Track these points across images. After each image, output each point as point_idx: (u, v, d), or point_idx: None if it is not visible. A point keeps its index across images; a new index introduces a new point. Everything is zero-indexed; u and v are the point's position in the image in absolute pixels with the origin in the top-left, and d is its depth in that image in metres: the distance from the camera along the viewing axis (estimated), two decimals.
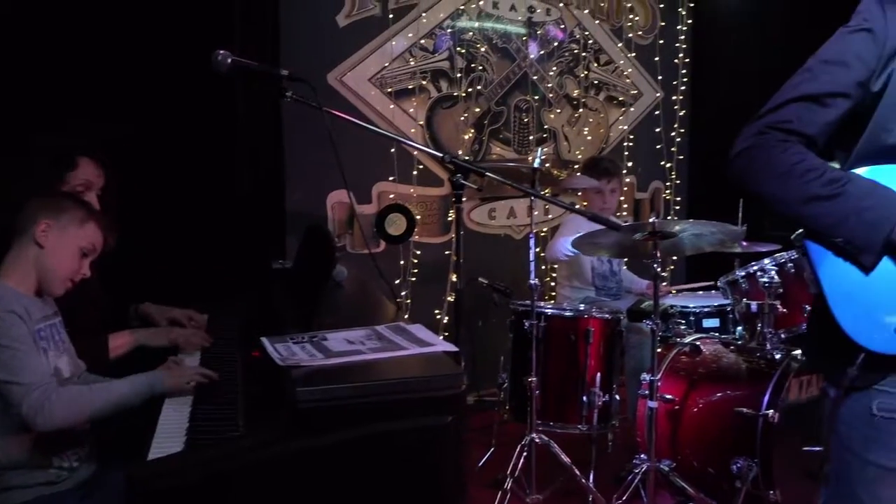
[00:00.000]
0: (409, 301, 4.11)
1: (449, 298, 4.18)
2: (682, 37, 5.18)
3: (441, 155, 2.01)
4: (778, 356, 2.82)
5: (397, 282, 4.08)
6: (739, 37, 5.00)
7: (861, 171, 1.40)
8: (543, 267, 4.61)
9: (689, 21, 5.19)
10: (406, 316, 4.06)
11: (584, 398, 3.07)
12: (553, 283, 4.57)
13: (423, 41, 4.16)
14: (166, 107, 3.19)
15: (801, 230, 1.45)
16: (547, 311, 3.14)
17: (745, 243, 3.48)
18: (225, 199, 3.40)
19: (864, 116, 1.40)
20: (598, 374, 3.07)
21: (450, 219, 4.25)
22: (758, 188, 1.43)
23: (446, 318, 4.20)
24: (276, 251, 3.46)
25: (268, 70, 2.05)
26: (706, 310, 3.49)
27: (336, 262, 2.45)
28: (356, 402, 1.41)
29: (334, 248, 2.15)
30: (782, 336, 3.01)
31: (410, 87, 4.14)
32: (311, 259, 2.35)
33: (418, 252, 4.16)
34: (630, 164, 5.04)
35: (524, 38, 4.52)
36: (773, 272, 3.01)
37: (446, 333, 4.04)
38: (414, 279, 4.14)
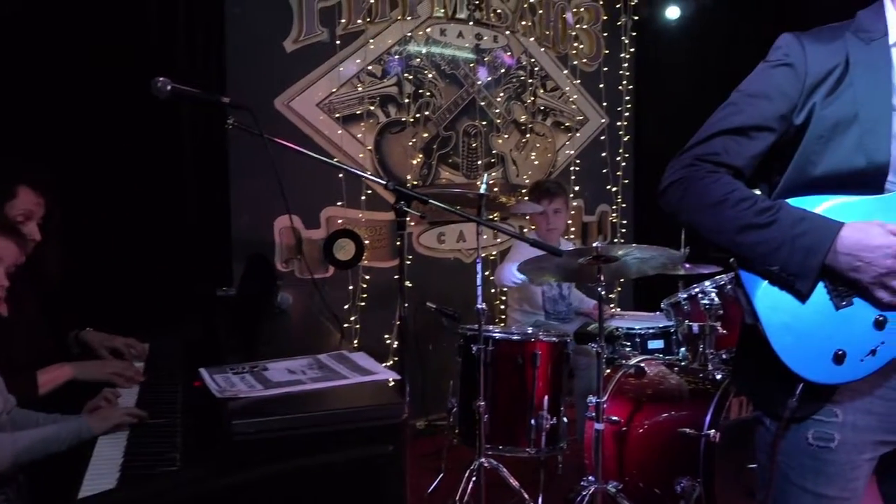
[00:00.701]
0: (358, 326, 4.09)
1: (398, 323, 4.18)
2: (626, 64, 5.31)
3: (384, 182, 2.02)
4: (719, 376, 2.89)
5: (346, 307, 4.06)
6: (680, 64, 5.17)
7: (789, 202, 1.40)
8: (493, 290, 4.64)
9: (632, 50, 5.33)
10: (355, 341, 4.05)
11: (533, 421, 3.08)
12: (503, 307, 4.60)
13: (371, 67, 4.18)
14: (111, 133, 3.14)
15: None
16: (495, 335, 3.16)
17: (688, 265, 3.56)
18: (170, 225, 3.35)
19: (786, 149, 1.43)
20: (546, 397, 3.09)
21: (399, 243, 4.25)
22: (691, 218, 1.45)
23: (396, 342, 4.18)
24: (222, 278, 3.41)
25: (208, 97, 2.04)
26: (651, 331, 3.55)
27: (280, 290, 2.43)
28: (294, 433, 1.40)
29: (275, 276, 2.13)
30: (723, 356, 3.08)
31: (359, 112, 4.15)
32: (253, 287, 2.33)
33: (367, 277, 4.15)
34: (577, 188, 5.13)
35: (472, 65, 4.58)
36: (713, 294, 3.10)
37: (396, 358, 4.02)
38: (363, 304, 4.12)
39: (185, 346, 2.46)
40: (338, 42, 4.03)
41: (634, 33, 5.32)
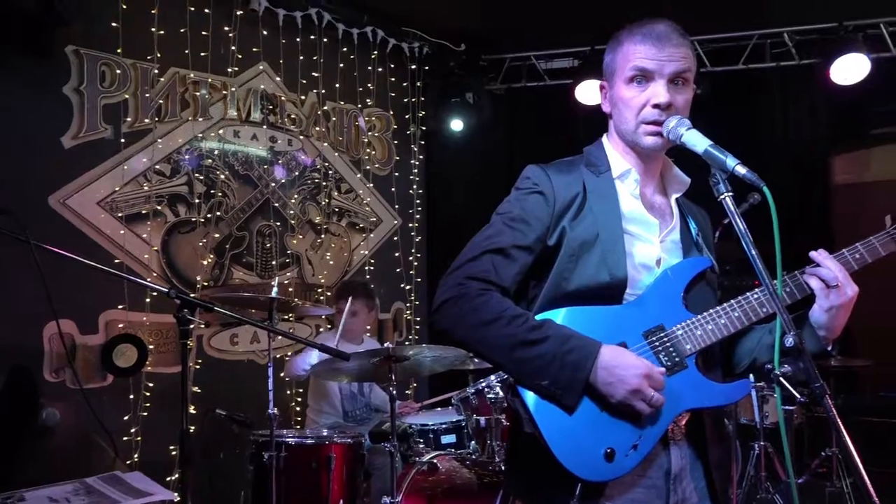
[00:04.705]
0: (139, 438, 3.79)
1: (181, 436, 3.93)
2: (416, 170, 5.64)
3: (165, 290, 1.96)
4: (504, 468, 3.02)
5: (126, 418, 3.76)
6: (465, 170, 5.63)
7: (560, 312, 1.53)
8: (289, 391, 4.54)
9: (421, 156, 5.69)
10: (136, 455, 3.75)
11: None
12: (299, 408, 4.51)
13: (159, 166, 4.08)
14: None
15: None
16: (288, 439, 3.09)
17: (477, 360, 3.74)
18: None
19: (542, 268, 1.58)
20: (342, 502, 3.05)
21: (189, 347, 4.05)
22: (466, 335, 1.52)
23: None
24: None
25: None
26: (443, 426, 3.64)
27: (45, 405, 2.23)
28: None
29: (40, 390, 1.96)
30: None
31: (145, 211, 4.00)
32: (13, 402, 2.12)
33: (151, 384, 3.89)
34: (373, 286, 5.23)
35: (266, 166, 4.62)
36: (497, 388, 3.27)
37: (182, 470, 3.77)
38: (146, 414, 3.84)
39: None
40: (122, 140, 3.90)
41: (423, 142, 5.69)
